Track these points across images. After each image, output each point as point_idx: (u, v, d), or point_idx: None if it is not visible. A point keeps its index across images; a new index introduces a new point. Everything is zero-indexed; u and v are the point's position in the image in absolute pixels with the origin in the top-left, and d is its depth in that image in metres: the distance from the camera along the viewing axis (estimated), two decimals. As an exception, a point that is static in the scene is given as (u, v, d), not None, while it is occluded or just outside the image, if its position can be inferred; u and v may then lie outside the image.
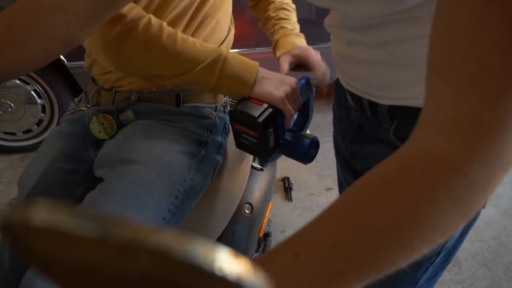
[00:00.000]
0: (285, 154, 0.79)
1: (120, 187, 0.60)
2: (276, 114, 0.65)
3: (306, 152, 0.73)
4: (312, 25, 2.18)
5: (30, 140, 2.13)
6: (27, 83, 1.96)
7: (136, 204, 0.59)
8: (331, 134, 0.80)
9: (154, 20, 0.64)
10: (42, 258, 0.12)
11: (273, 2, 0.91)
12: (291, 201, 1.81)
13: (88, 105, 0.81)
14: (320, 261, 0.28)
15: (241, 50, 2.01)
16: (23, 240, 0.11)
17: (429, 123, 0.29)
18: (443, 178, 0.27)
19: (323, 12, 0.54)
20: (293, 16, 0.91)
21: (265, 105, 0.64)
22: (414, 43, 0.45)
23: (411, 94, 0.50)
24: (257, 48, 2.05)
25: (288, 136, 0.73)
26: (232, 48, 0.88)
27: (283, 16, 0.89)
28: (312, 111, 0.83)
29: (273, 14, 0.90)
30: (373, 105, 0.56)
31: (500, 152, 0.27)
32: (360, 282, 0.28)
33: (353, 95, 0.60)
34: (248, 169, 0.99)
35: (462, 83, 0.27)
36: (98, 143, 0.77)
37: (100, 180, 0.68)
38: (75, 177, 0.78)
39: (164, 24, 0.65)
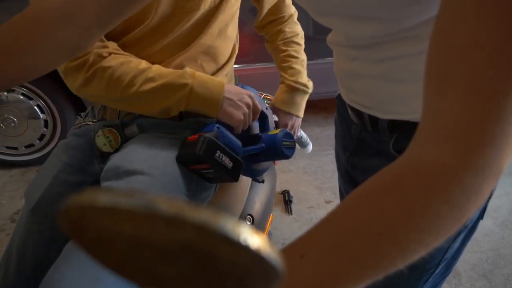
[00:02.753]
0: (267, 160, 0.83)
1: None
2: (217, 138, 0.69)
3: (280, 146, 0.78)
4: (310, 41, 2.24)
5: (32, 155, 2.15)
6: (31, 98, 1.99)
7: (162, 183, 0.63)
8: (330, 147, 0.84)
9: (115, 60, 0.70)
10: (97, 237, 0.14)
11: (283, 31, 0.93)
12: (291, 214, 1.83)
13: (94, 120, 0.84)
14: (323, 262, 0.30)
15: (241, 66, 2.06)
16: (86, 218, 0.14)
17: (425, 133, 0.32)
18: (438, 185, 0.30)
19: (320, 29, 0.58)
20: (302, 51, 0.96)
21: (201, 137, 0.67)
22: (414, 59, 0.47)
23: (411, 108, 0.52)
24: (257, 64, 2.10)
25: (259, 144, 0.80)
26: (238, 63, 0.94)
27: (293, 53, 0.93)
28: (267, 109, 0.89)
29: (283, 48, 0.94)
30: (374, 120, 0.59)
31: (492, 160, 0.29)
32: (361, 281, 0.30)
33: (354, 110, 0.63)
34: (249, 181, 1.01)
35: (456, 97, 0.29)
36: (103, 156, 0.79)
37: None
38: (81, 189, 0.80)
39: (127, 63, 0.71)
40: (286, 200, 1.89)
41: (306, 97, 0.97)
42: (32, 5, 0.52)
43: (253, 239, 0.13)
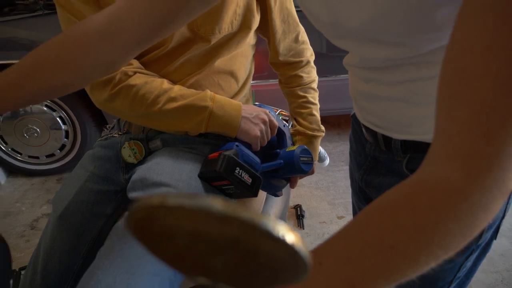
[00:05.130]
0: (285, 175, 0.85)
1: None
2: (236, 155, 0.72)
3: (298, 162, 0.80)
4: (323, 58, 2.28)
5: (53, 164, 2.23)
6: (53, 110, 2.07)
7: None
8: (343, 163, 0.87)
9: (139, 79, 0.75)
10: (161, 233, 0.18)
11: (301, 77, 0.94)
12: (303, 229, 1.84)
13: (120, 132, 0.88)
14: (339, 272, 0.33)
15: (256, 81, 2.11)
16: (153, 217, 0.17)
17: (436, 154, 0.35)
18: (447, 202, 0.32)
19: (334, 46, 0.61)
20: (317, 96, 0.97)
21: (221, 155, 0.71)
22: (428, 82, 0.50)
23: (424, 129, 0.55)
24: (271, 80, 2.14)
25: (277, 161, 0.84)
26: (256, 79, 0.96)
27: (311, 99, 0.95)
28: (284, 126, 0.92)
29: (301, 93, 0.95)
30: (387, 139, 0.62)
31: (498, 180, 0.32)
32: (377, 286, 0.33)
33: (368, 129, 0.65)
34: (264, 194, 1.04)
35: (465, 121, 0.32)
36: (128, 167, 0.84)
37: (133, 201, 0.75)
38: (105, 198, 0.84)
39: (150, 83, 0.75)
40: (298, 214, 1.91)
41: (320, 138, 0.99)
42: (75, 25, 0.57)
43: (290, 235, 0.16)
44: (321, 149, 1.18)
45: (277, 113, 1.15)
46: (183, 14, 0.58)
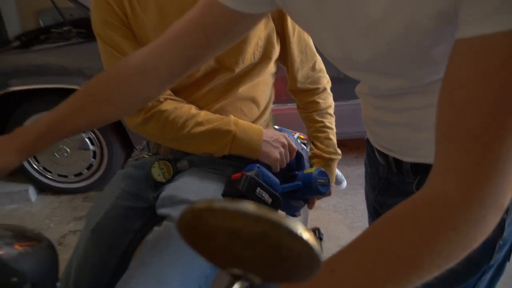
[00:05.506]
0: (303, 196, 0.89)
1: None
2: (257, 176, 0.77)
3: (316, 183, 0.84)
4: (340, 83, 2.34)
5: (80, 183, 2.33)
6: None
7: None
8: (360, 186, 0.90)
9: (170, 105, 0.83)
10: (205, 232, 0.23)
11: (318, 103, 1.00)
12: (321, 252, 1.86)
13: (149, 154, 0.95)
14: (350, 278, 0.38)
15: (276, 105, 2.17)
16: (199, 219, 0.23)
17: (437, 172, 0.39)
18: (446, 215, 0.37)
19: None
20: (333, 121, 1.03)
21: (244, 175, 0.76)
22: (432, 109, 0.54)
23: (431, 152, 0.59)
24: (289, 104, 2.21)
25: (295, 182, 0.88)
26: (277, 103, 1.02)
27: (328, 124, 1.00)
28: (303, 149, 0.97)
29: (318, 119, 1.00)
30: (398, 162, 0.66)
31: (492, 195, 0.36)
32: None
33: (381, 153, 0.70)
34: (283, 214, 1.09)
35: (460, 144, 0.37)
36: (156, 186, 0.90)
37: (161, 217, 0.81)
38: (135, 214, 0.90)
39: (179, 108, 0.83)
40: (317, 237, 1.92)
41: (337, 161, 1.04)
42: (116, 64, 0.66)
43: (306, 234, 0.22)
44: (338, 171, 1.22)
45: (296, 137, 1.20)
46: (210, 52, 0.65)
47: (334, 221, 2.10)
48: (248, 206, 0.21)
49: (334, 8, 0.50)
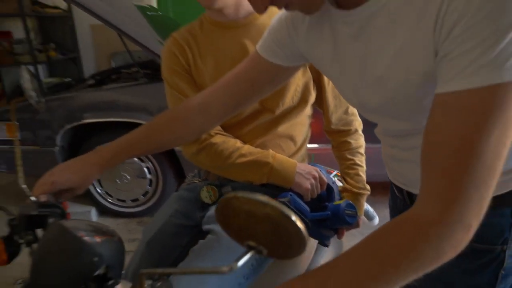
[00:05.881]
0: (332, 226, 0.99)
1: (224, 237, 0.86)
2: (289, 202, 0.87)
3: (343, 214, 0.94)
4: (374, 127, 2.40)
5: (136, 208, 2.56)
6: (143, 161, 2.43)
7: (233, 250, 0.84)
8: None
9: (219, 139, 0.99)
10: (231, 213, 0.37)
11: (349, 143, 1.11)
12: None
13: (199, 179, 1.11)
14: (346, 273, 0.49)
15: (317, 145, 2.29)
16: (229, 204, 0.36)
17: (420, 197, 0.50)
18: (422, 230, 0.48)
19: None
20: (364, 160, 1.14)
21: (277, 201, 0.87)
22: None
23: None
24: (330, 145, 2.31)
25: (325, 212, 0.97)
26: (310, 143, 1.15)
27: (358, 162, 1.11)
28: (333, 183, 1.07)
29: (349, 157, 1.11)
30: (411, 195, 0.75)
31: (460, 216, 0.47)
32: None
33: (397, 187, 0.80)
34: (315, 243, 1.18)
35: (435, 176, 0.48)
36: (203, 207, 1.05)
37: (205, 233, 0.95)
38: (183, 231, 1.05)
39: (227, 142, 0.98)
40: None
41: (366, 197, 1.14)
42: (181, 104, 0.85)
43: (297, 220, 0.34)
44: (369, 208, 1.29)
45: (333, 174, 1.30)
46: (256, 97, 0.82)
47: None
48: (259, 195, 0.34)
49: (350, 67, 0.64)
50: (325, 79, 1.04)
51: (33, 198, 0.77)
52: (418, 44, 0.52)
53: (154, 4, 4.38)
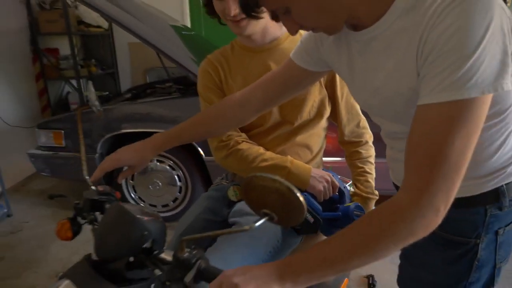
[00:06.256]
0: (343, 225, 1.11)
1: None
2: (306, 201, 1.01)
3: (352, 215, 1.06)
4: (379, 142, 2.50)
5: (165, 213, 2.74)
6: (173, 169, 2.62)
7: (253, 236, 0.99)
8: None
9: (245, 146, 1.14)
10: (251, 188, 0.52)
11: (360, 153, 1.26)
12: (373, 297, 1.96)
13: (227, 181, 1.27)
14: (337, 246, 0.63)
15: (335, 159, 2.41)
16: (250, 180, 0.52)
17: (400, 189, 0.63)
18: (399, 211, 0.61)
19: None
20: (373, 168, 1.27)
21: None
22: None
23: None
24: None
25: (336, 212, 1.10)
26: (328, 156, 1.29)
27: (368, 170, 1.25)
28: (345, 187, 1.19)
29: (360, 165, 1.25)
30: None
31: (430, 201, 0.59)
32: (351, 262, 0.61)
33: (397, 186, 0.92)
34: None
35: (411, 170, 0.62)
36: (229, 204, 1.20)
37: (231, 225, 1.10)
38: (211, 226, 1.20)
39: (251, 148, 1.14)
40: (370, 283, 2.04)
41: (374, 201, 1.27)
42: (222, 100, 1.04)
43: (300, 195, 0.49)
44: None
45: (349, 184, 1.43)
46: (287, 95, 1.00)
47: (390, 272, 2.16)
48: (271, 174, 0.49)
49: (357, 76, 0.79)
50: (339, 95, 1.18)
51: (93, 188, 0.94)
52: (406, 66, 0.66)
53: (188, 24, 4.67)
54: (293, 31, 0.74)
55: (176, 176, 2.63)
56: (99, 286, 0.72)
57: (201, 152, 2.52)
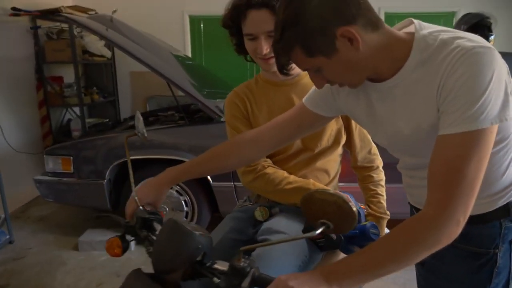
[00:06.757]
0: (360, 242, 1.20)
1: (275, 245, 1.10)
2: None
3: (368, 233, 1.15)
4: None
5: (171, 238, 2.78)
6: (181, 194, 2.70)
7: (289, 253, 1.08)
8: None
9: (271, 170, 1.25)
10: (311, 201, 0.63)
11: (372, 177, 1.37)
12: (379, 318, 2.03)
13: (250, 203, 1.37)
14: (373, 254, 0.73)
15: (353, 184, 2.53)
16: (311, 195, 0.63)
17: (425, 205, 0.75)
18: (424, 224, 0.72)
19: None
20: (384, 190, 1.38)
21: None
22: None
23: None
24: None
25: (354, 230, 1.16)
26: (343, 181, 1.41)
27: (380, 192, 1.36)
28: (360, 208, 1.26)
29: (372, 188, 1.36)
30: None
31: (451, 214, 0.70)
32: (386, 267, 0.71)
33: (417, 209, 1.04)
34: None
35: (437, 189, 0.73)
36: (255, 224, 1.29)
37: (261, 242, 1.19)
38: (238, 244, 1.28)
39: (277, 172, 1.25)
40: (374, 303, 2.11)
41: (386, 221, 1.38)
42: (237, 136, 1.13)
43: (353, 206, 0.60)
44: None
45: (364, 208, 1.54)
46: (299, 135, 1.10)
47: (380, 280, 2.27)
48: (330, 190, 0.61)
49: (379, 119, 0.91)
50: (353, 126, 1.31)
51: (141, 208, 1.03)
52: (427, 106, 0.79)
53: (189, 54, 4.85)
54: (319, 86, 0.86)
55: (183, 202, 2.71)
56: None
57: (209, 178, 2.61)
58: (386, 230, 1.43)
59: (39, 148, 4.09)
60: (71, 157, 2.81)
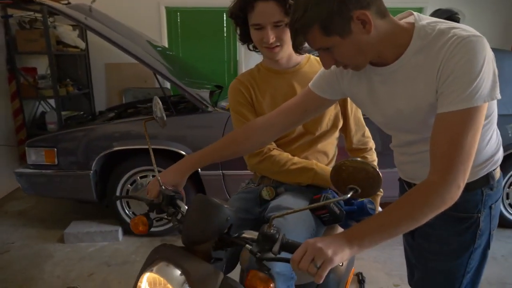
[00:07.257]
0: (358, 217, 1.32)
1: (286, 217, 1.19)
2: (331, 196, 1.23)
3: (366, 207, 1.26)
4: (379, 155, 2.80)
5: (160, 227, 2.83)
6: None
7: (300, 226, 1.18)
8: (397, 243, 1.32)
9: (276, 152, 1.35)
10: (343, 170, 0.73)
11: (366, 158, 1.48)
12: (364, 292, 2.19)
13: (254, 184, 1.46)
14: (388, 215, 0.84)
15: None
16: (342, 164, 0.73)
17: (429, 172, 0.86)
18: (431, 187, 0.84)
19: (386, 144, 1.16)
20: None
21: (322, 195, 1.20)
22: None
23: None
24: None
25: (353, 206, 1.30)
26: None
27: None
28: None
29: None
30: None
31: (453, 180, 0.83)
32: (401, 227, 0.83)
33: (407, 183, 1.16)
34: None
35: (436, 158, 0.85)
36: (261, 203, 1.38)
37: (266, 221, 1.28)
38: (245, 223, 1.37)
39: (282, 154, 1.34)
40: (360, 279, 2.26)
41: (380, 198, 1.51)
42: (249, 122, 1.23)
43: (378, 171, 0.71)
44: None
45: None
46: (305, 119, 1.20)
47: (375, 269, 2.43)
48: (360, 160, 0.71)
49: (381, 101, 1.02)
50: (349, 111, 1.42)
51: (163, 187, 1.10)
52: (427, 87, 0.90)
53: (166, 46, 4.83)
54: (327, 66, 0.96)
55: (171, 190, 2.74)
56: (197, 263, 0.88)
57: (197, 166, 2.67)
58: (379, 209, 1.56)
59: (12, 142, 3.98)
60: (55, 149, 2.78)
